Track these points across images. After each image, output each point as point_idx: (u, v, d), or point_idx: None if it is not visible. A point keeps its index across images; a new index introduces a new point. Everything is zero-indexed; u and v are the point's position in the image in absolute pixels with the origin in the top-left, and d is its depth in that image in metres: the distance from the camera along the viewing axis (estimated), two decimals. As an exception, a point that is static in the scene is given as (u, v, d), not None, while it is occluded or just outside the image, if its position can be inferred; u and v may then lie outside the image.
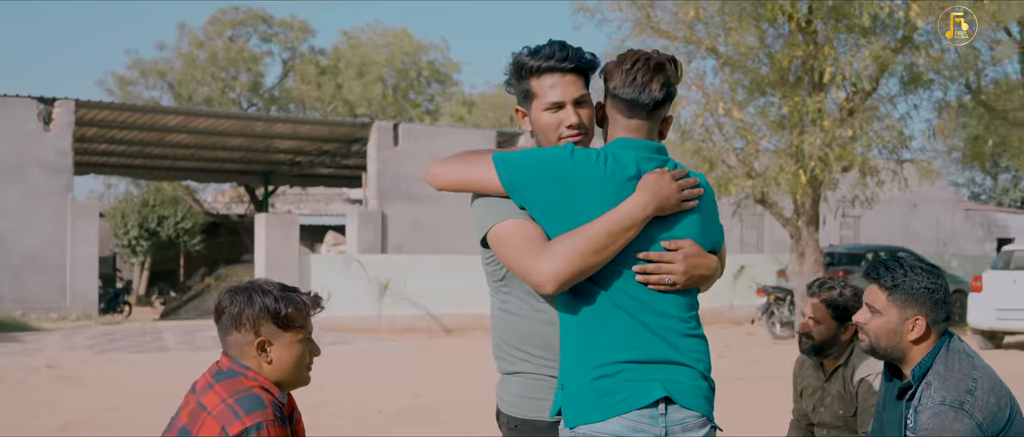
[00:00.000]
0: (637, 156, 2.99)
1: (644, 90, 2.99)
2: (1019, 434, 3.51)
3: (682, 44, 18.39)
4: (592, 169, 2.94)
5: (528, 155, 3.00)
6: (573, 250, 2.83)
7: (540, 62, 3.10)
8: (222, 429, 3.00)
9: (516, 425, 3.09)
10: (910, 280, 3.57)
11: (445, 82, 49.11)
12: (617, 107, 3.05)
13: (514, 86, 3.20)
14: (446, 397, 11.55)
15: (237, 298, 3.20)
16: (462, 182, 3.10)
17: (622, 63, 3.04)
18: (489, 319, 12.62)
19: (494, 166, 3.00)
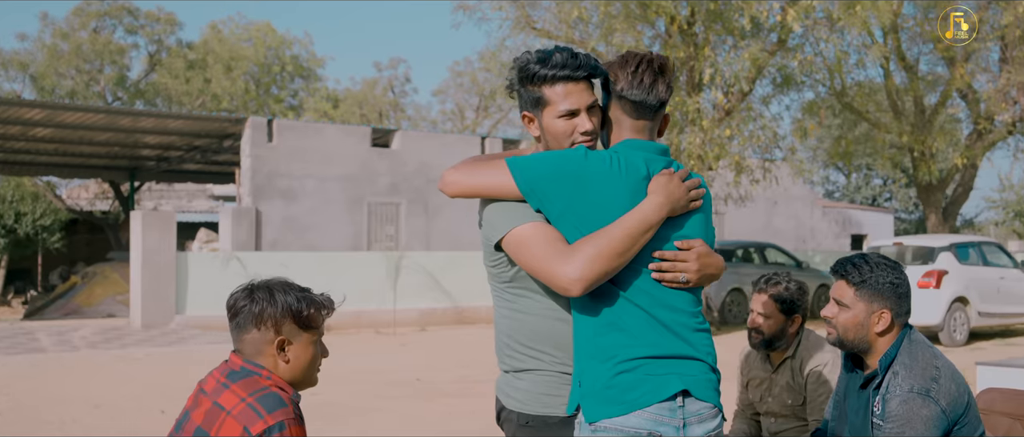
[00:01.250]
0: (645, 157, 3.07)
1: (651, 91, 3.08)
2: (974, 418, 3.75)
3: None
4: (607, 171, 2.99)
5: (544, 159, 3.04)
6: (598, 254, 2.89)
7: (553, 70, 3.11)
8: (244, 429, 2.99)
9: (527, 422, 3.13)
10: (876, 276, 3.78)
11: (309, 77, 48.55)
12: (623, 109, 3.11)
13: (522, 92, 3.19)
14: (349, 391, 11.53)
15: (258, 296, 3.19)
16: (478, 187, 3.12)
17: (626, 65, 3.10)
18: (371, 315, 12.68)
19: (509, 170, 3.04)
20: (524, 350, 3.16)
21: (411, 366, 14.37)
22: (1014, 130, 20.39)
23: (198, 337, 17.63)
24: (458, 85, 44.77)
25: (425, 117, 46.56)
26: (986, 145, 21.11)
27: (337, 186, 25.34)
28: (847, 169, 46.76)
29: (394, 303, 20.22)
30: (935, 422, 3.60)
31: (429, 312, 21.20)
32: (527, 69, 3.15)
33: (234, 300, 3.24)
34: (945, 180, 22.26)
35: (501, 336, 3.24)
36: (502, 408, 3.25)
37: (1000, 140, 21.32)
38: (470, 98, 44.48)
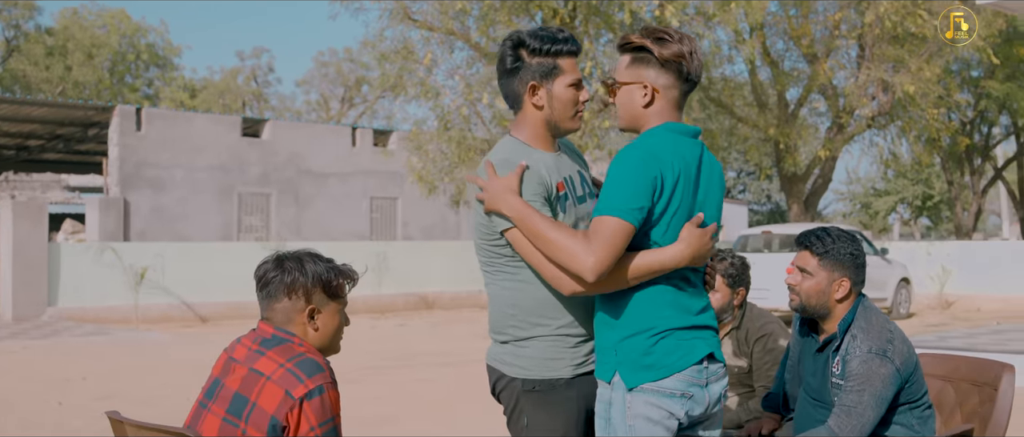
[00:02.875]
0: (690, 144, 3.26)
1: (701, 73, 3.28)
2: (920, 378, 4.12)
3: (443, 35, 18.82)
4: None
5: (638, 190, 3.12)
6: (619, 277, 3.13)
7: (566, 45, 3.33)
8: (286, 392, 3.10)
9: (533, 387, 3.31)
10: (838, 247, 4.12)
11: (165, 66, 47.56)
12: (681, 89, 3.25)
13: (531, 64, 3.34)
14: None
15: (288, 266, 3.30)
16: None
17: (683, 42, 3.20)
18: (251, 306, 12.65)
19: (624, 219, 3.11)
20: (529, 318, 3.33)
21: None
22: (872, 124, 21.41)
23: (72, 329, 17.25)
24: (323, 75, 44.49)
25: (289, 107, 46.15)
26: (846, 138, 22.11)
27: (207, 176, 25.02)
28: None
29: (271, 293, 20.09)
30: (891, 380, 3.93)
31: (306, 302, 21.11)
32: (547, 38, 3.33)
33: (263, 271, 3.33)
34: (807, 172, 23.24)
35: (503, 308, 3.38)
36: (500, 378, 3.40)
37: (859, 133, 22.36)
38: (335, 88, 44.24)
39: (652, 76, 3.21)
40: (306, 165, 26.95)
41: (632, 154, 3.15)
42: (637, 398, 3.14)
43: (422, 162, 19.42)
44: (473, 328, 18.62)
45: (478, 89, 18.30)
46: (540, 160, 3.34)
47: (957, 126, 26.98)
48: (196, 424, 3.26)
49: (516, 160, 3.29)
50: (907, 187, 46.88)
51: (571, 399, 3.33)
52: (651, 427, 3.13)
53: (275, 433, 3.10)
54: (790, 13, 21.91)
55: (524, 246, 3.22)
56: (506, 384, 3.38)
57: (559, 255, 3.11)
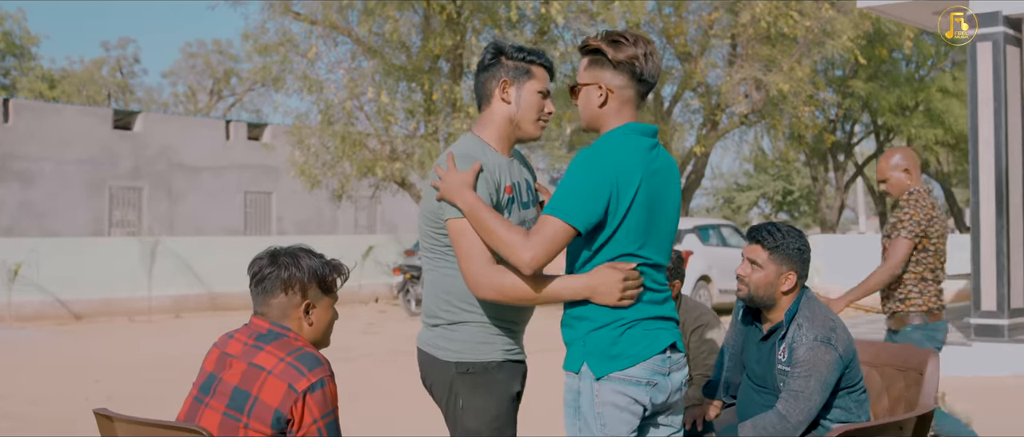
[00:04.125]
0: (648, 144, 3.39)
1: (657, 73, 3.42)
2: (857, 365, 4.38)
3: (325, 29, 18.75)
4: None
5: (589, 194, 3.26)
6: (526, 293, 3.34)
7: (540, 58, 3.63)
8: (289, 386, 3.17)
9: (467, 369, 3.50)
10: (787, 242, 4.34)
11: (22, 56, 45.90)
12: (636, 89, 3.39)
13: (508, 63, 3.59)
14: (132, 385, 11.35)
15: (283, 261, 3.35)
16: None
17: (637, 44, 3.36)
18: (122, 303, 12.64)
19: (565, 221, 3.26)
20: (461, 304, 3.52)
21: (188, 352, 14.14)
22: (745, 121, 22.08)
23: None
24: (191, 67, 43.62)
25: (156, 99, 45.09)
26: (718, 135, 22.75)
27: (77, 169, 24.38)
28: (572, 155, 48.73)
29: (149, 290, 19.69)
30: (835, 366, 4.18)
31: (183, 298, 20.76)
32: (525, 48, 3.62)
33: (258, 266, 3.39)
34: (681, 168, 23.82)
35: (438, 293, 3.56)
36: (432, 362, 3.58)
37: (732, 130, 23.04)
38: (204, 80, 43.43)
39: (607, 77, 3.35)
40: (179, 159, 26.46)
41: (590, 156, 3.30)
42: (605, 387, 3.29)
43: (304, 156, 19.29)
44: (360, 324, 18.61)
45: (362, 83, 18.29)
46: (494, 161, 3.53)
47: (822, 124, 27.98)
48: (193, 419, 3.29)
49: (474, 156, 3.47)
50: (768, 183, 48.29)
51: (503, 381, 3.54)
52: (619, 413, 3.28)
53: (279, 426, 3.16)
54: (665, 12, 22.43)
55: (458, 239, 3.40)
56: (439, 368, 3.56)
57: (501, 248, 3.28)
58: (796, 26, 19.54)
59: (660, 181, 3.40)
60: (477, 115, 12.86)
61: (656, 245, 3.40)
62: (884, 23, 22.86)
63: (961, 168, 35.41)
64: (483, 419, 3.50)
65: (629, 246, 3.32)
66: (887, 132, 31.85)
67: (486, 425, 3.50)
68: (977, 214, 11.65)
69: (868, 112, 30.20)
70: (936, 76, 28.88)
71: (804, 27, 19.58)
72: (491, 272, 3.35)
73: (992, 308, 11.46)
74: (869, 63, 24.03)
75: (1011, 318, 11.46)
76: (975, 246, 11.68)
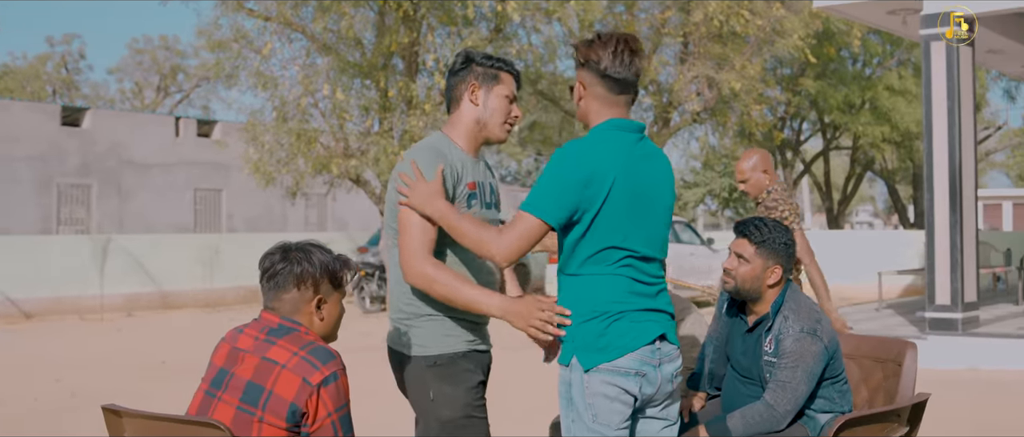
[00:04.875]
0: (627, 138, 3.47)
1: (631, 68, 3.48)
2: (840, 355, 4.49)
3: (279, 25, 18.65)
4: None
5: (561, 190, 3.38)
6: (437, 287, 3.55)
7: (507, 66, 3.83)
8: (303, 380, 3.18)
9: (434, 362, 3.64)
10: (773, 237, 4.45)
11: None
12: (606, 86, 3.47)
13: (477, 69, 3.76)
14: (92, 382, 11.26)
15: (295, 257, 3.37)
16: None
17: (606, 45, 3.47)
18: (73, 301, 12.59)
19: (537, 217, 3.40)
20: (423, 298, 3.67)
21: (145, 350, 14.09)
22: (697, 119, 22.27)
23: None
24: (138, 63, 43.15)
25: (102, 95, 44.53)
26: (670, 132, 22.92)
27: (24, 166, 24.07)
28: (520, 154, 48.86)
29: (101, 288, 19.49)
30: (821, 357, 4.29)
31: (134, 297, 20.57)
32: (493, 57, 3.82)
33: (270, 262, 3.40)
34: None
35: (403, 287, 3.70)
36: (402, 359, 3.72)
37: (684, 127, 23.21)
38: (150, 77, 42.99)
39: (582, 76, 3.51)
40: (128, 155, 26.21)
41: (565, 153, 3.41)
42: (594, 378, 3.36)
43: (258, 153, 19.17)
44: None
45: (316, 80, 18.23)
46: (458, 157, 3.70)
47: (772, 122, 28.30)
48: (205, 414, 3.30)
49: (440, 150, 3.65)
50: (715, 179, 48.66)
51: (469, 370, 3.69)
52: (609, 404, 3.36)
53: (294, 420, 3.19)
54: (617, 10, 22.56)
55: (403, 228, 3.60)
56: (409, 365, 3.70)
57: (475, 246, 3.45)
58: (748, 25, 19.75)
59: (645, 175, 3.47)
60: (433, 112, 12.86)
61: (644, 237, 3.47)
62: (833, 22, 23.18)
63: (904, 165, 35.98)
64: (455, 407, 3.62)
65: (611, 238, 3.40)
66: (834, 130, 32.30)
67: (458, 411, 3.62)
68: (931, 210, 11.89)
69: (816, 110, 30.59)
70: (882, 74, 29.34)
71: (756, 26, 19.80)
72: (424, 261, 3.55)
73: (946, 302, 11.71)
74: (818, 62, 24.33)
75: (964, 312, 11.72)
76: (929, 241, 11.92)
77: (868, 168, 35.57)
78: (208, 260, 21.82)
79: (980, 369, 11.04)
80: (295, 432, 3.22)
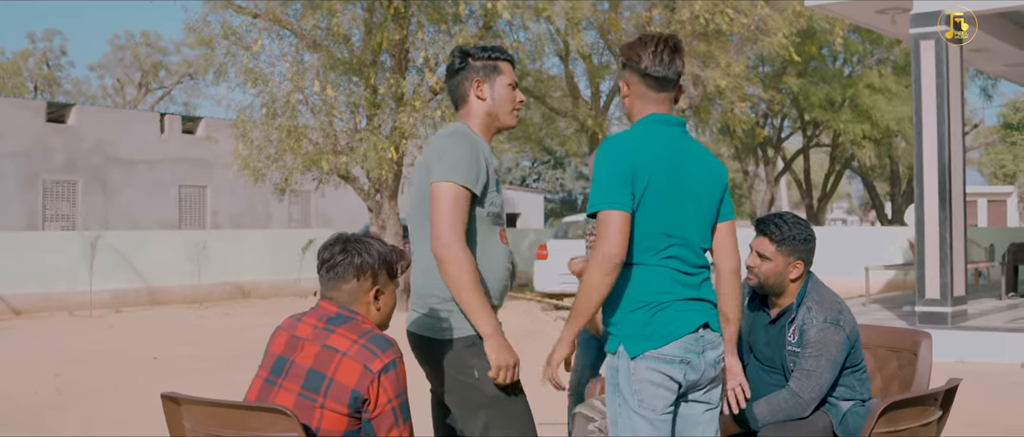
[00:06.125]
0: (670, 132, 3.64)
1: (671, 67, 3.64)
2: (860, 344, 4.65)
3: (268, 22, 18.69)
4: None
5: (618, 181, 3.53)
6: (459, 275, 3.64)
7: (503, 54, 3.95)
8: (364, 367, 3.29)
9: (472, 341, 3.72)
10: (793, 232, 4.58)
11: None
12: (648, 84, 3.64)
13: (475, 64, 3.89)
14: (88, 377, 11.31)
15: (355, 248, 3.48)
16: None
17: (647, 45, 3.64)
18: (61, 298, 12.67)
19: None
20: None
21: (136, 346, 14.12)
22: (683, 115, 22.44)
23: None
24: (119, 60, 43.01)
25: (84, 92, 44.38)
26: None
27: (9, 163, 24.03)
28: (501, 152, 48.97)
29: (90, 284, 19.49)
30: (844, 346, 4.45)
31: (122, 293, 20.58)
32: (489, 48, 3.94)
33: (330, 253, 3.50)
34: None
35: (432, 270, 3.75)
36: (431, 344, 3.79)
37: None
38: (132, 73, 42.85)
39: (625, 75, 3.70)
40: (114, 152, 26.18)
41: (610, 146, 3.58)
42: (640, 365, 3.51)
43: (248, 149, 19.21)
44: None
45: (305, 76, 18.28)
46: (484, 145, 3.85)
47: (754, 119, 28.52)
48: (265, 400, 3.39)
49: (471, 138, 3.77)
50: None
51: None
52: (654, 389, 3.51)
53: (356, 406, 3.29)
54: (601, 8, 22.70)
55: (441, 200, 3.67)
56: (447, 348, 3.76)
57: (599, 282, 3.50)
58: (733, 23, 19.93)
59: (687, 167, 3.62)
60: (422, 108, 12.94)
61: (687, 227, 3.62)
62: (816, 21, 23.38)
63: (882, 163, 36.30)
64: (491, 386, 3.72)
65: (655, 228, 3.55)
66: (814, 127, 32.55)
67: (504, 386, 3.72)
68: (921, 206, 12.09)
69: (796, 108, 30.82)
70: (863, 73, 29.61)
71: (741, 24, 19.99)
72: (458, 238, 3.63)
73: (936, 296, 11.92)
74: (800, 60, 24.55)
75: (954, 306, 11.93)
76: (919, 236, 12.12)
77: (847, 166, 35.87)
78: (195, 256, 21.84)
79: (968, 361, 11.24)
80: (356, 418, 3.32)
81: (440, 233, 3.63)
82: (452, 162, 3.68)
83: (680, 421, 3.64)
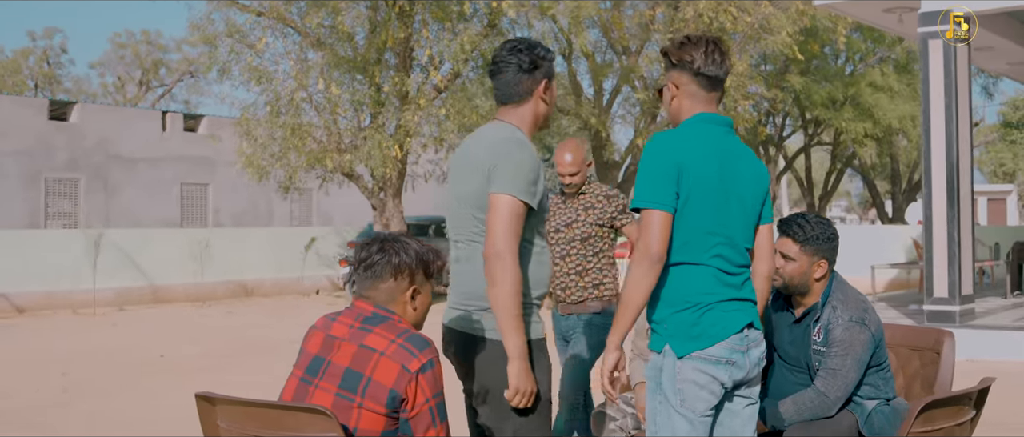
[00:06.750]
0: (720, 133, 3.67)
1: (722, 67, 3.68)
2: (884, 344, 4.66)
3: (272, 21, 18.69)
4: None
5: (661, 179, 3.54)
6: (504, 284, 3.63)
7: (553, 56, 3.97)
8: (402, 366, 3.29)
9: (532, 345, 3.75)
10: (816, 232, 4.59)
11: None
12: (699, 83, 3.66)
13: (543, 66, 3.88)
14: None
15: (393, 247, 3.48)
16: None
17: (698, 45, 3.67)
18: (65, 296, 12.65)
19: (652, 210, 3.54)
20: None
21: (142, 345, 14.11)
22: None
23: None
24: (119, 58, 42.99)
25: (85, 90, 44.36)
26: (658, 127, 23.11)
27: (12, 160, 24.01)
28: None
29: (94, 282, 19.49)
30: (869, 345, 4.46)
31: (125, 291, 20.57)
32: (546, 51, 3.92)
33: (367, 252, 3.51)
34: (622, 159, 24.23)
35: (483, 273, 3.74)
36: (485, 344, 3.78)
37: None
38: (132, 71, 42.84)
39: (674, 76, 3.70)
40: (116, 150, 26.17)
41: (657, 143, 3.59)
42: (686, 365, 3.53)
43: (252, 147, 19.21)
44: (307, 316, 18.62)
45: (309, 75, 18.28)
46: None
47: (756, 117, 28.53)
48: (301, 400, 3.39)
49: (529, 144, 3.78)
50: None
51: (545, 355, 3.82)
52: (698, 391, 3.52)
53: (394, 406, 3.29)
54: (603, 7, 22.72)
55: (500, 211, 3.66)
56: (491, 348, 3.76)
57: (642, 281, 3.51)
58: (736, 22, 19.95)
59: (733, 167, 3.65)
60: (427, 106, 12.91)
61: (733, 226, 3.64)
62: (820, 19, 23.39)
63: (883, 161, 36.32)
64: (542, 388, 3.75)
65: (701, 226, 3.56)
66: (815, 126, 32.57)
67: (544, 393, 3.76)
68: (929, 204, 12.10)
69: (798, 106, 30.84)
70: (865, 71, 29.62)
71: (744, 22, 20.01)
72: (511, 248, 3.62)
73: (944, 295, 11.93)
74: (802, 58, 24.57)
75: (962, 304, 11.94)
76: (927, 235, 12.13)
77: (849, 164, 35.88)
78: (198, 255, 21.82)
79: (978, 360, 11.25)
80: (394, 418, 3.32)
81: (494, 241, 3.62)
82: (516, 176, 3.67)
83: (722, 414, 3.66)
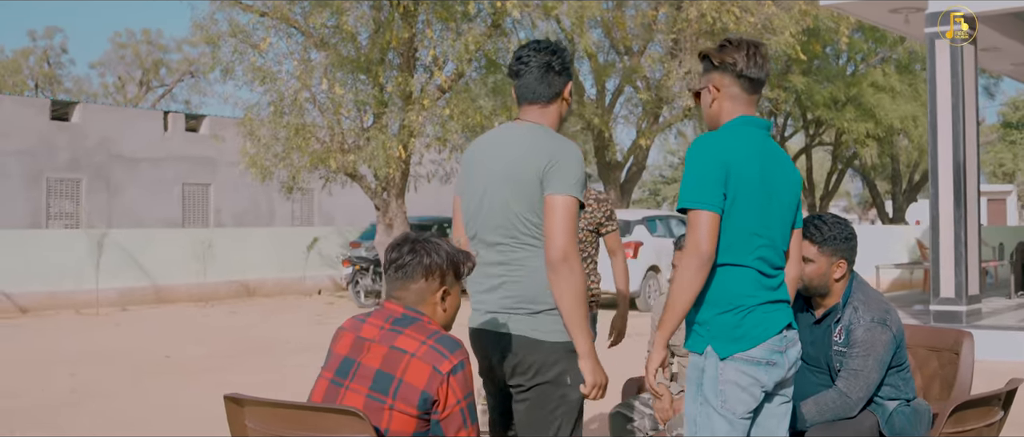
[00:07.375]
0: (758, 134, 3.70)
1: (763, 69, 3.70)
2: (904, 344, 4.66)
3: (275, 21, 18.67)
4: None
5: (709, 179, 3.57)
6: (569, 284, 3.68)
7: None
8: (433, 368, 3.29)
9: (571, 348, 3.76)
10: (834, 233, 4.59)
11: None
12: (742, 85, 3.68)
13: (570, 66, 3.99)
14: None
15: (424, 248, 3.47)
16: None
17: (741, 48, 3.69)
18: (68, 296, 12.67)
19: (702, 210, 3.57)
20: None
21: (146, 345, 14.11)
22: (689, 114, 22.49)
23: None
24: (120, 58, 42.97)
25: (85, 90, 44.34)
26: (660, 128, 23.16)
27: (14, 160, 24.00)
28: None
29: (97, 282, 19.48)
30: (890, 345, 4.46)
31: (128, 291, 20.56)
32: (568, 55, 4.02)
33: (398, 253, 3.50)
34: (624, 159, 24.22)
35: (542, 280, 3.76)
36: (533, 346, 3.78)
37: (676, 123, 23.43)
38: (133, 71, 42.83)
39: (715, 79, 3.72)
40: (117, 150, 26.16)
41: (702, 145, 3.62)
42: (728, 366, 3.56)
43: (255, 147, 19.20)
44: (308, 316, 18.62)
45: (312, 75, 18.27)
46: None
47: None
48: (332, 402, 3.38)
49: (575, 147, 3.84)
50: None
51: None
52: (739, 392, 3.56)
53: (425, 407, 3.29)
54: (605, 7, 22.72)
55: (561, 212, 3.70)
56: (547, 350, 3.79)
57: (690, 283, 3.54)
58: (739, 22, 19.95)
59: (773, 169, 3.68)
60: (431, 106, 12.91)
61: (774, 228, 3.68)
62: (822, 19, 23.40)
63: (883, 161, 36.33)
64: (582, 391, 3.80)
65: (746, 227, 3.58)
66: (817, 126, 32.58)
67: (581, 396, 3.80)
68: (936, 205, 12.11)
69: (800, 106, 30.84)
70: (867, 71, 29.63)
71: (747, 23, 20.01)
72: (574, 250, 3.66)
73: (951, 295, 11.94)
74: (804, 58, 24.59)
75: (968, 304, 11.95)
76: (934, 235, 12.14)
77: (850, 164, 35.90)
78: (201, 255, 21.82)
79: (986, 360, 11.23)
80: (425, 420, 3.32)
81: (561, 244, 3.64)
82: (573, 177, 3.72)
83: (759, 415, 3.69)
